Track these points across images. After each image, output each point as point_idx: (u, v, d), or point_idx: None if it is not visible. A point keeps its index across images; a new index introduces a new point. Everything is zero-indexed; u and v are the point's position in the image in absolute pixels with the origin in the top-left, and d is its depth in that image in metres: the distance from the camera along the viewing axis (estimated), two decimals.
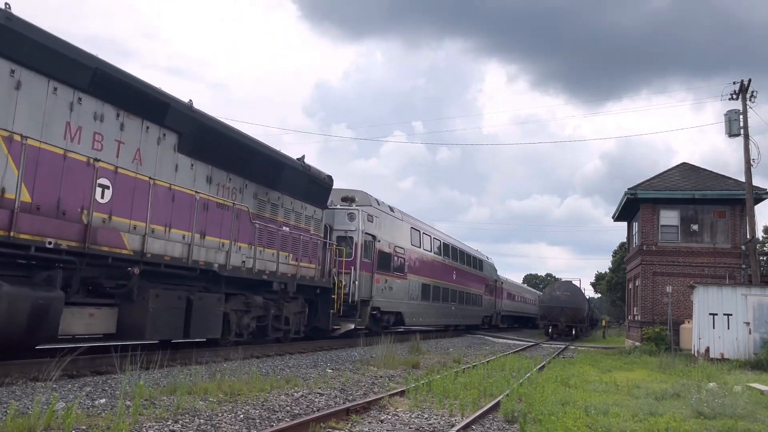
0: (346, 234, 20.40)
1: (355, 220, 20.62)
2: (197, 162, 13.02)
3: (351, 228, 20.51)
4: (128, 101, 11.03)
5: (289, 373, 11.94)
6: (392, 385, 11.40)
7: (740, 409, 9.47)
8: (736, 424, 8.47)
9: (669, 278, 25.59)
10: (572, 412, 8.70)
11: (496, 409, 9.17)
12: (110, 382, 9.17)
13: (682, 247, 26.40)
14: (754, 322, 18.85)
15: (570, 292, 40.19)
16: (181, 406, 7.61)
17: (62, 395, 7.88)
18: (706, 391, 11.29)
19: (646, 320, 25.95)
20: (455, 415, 8.74)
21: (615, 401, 10.33)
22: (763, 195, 25.14)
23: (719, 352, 18.86)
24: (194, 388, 8.78)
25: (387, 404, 9.19)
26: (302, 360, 14.48)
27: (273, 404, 8.56)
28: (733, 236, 25.95)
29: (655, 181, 28.06)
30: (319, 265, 17.90)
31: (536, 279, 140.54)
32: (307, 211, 17.50)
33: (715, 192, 26.14)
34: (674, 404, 10.17)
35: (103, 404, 7.66)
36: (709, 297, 19.48)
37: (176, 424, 6.86)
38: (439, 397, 9.78)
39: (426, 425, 7.92)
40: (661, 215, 26.84)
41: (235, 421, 7.36)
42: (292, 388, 10.05)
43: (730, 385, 12.66)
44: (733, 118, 23.16)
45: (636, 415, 8.99)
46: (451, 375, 12.28)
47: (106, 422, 6.49)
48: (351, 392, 10.42)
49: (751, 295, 19.21)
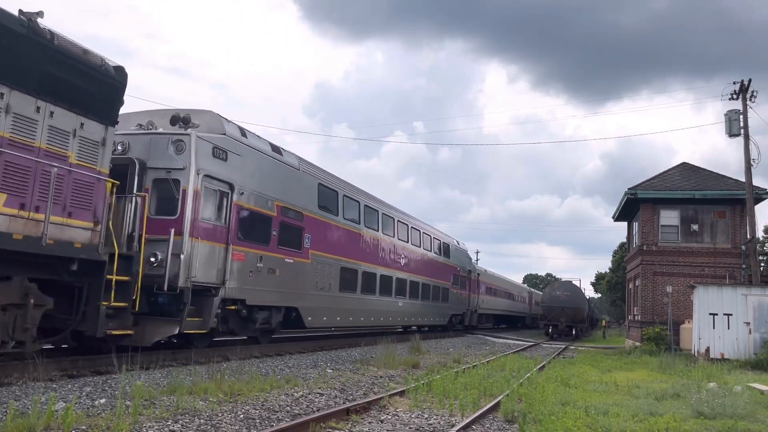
0: (169, 175, 12.15)
1: (185, 153, 12.27)
2: None
3: (177, 165, 12.18)
4: None
5: (289, 373, 11.95)
6: (392, 385, 11.40)
7: (740, 409, 9.47)
8: (736, 424, 8.47)
9: (669, 278, 25.58)
10: (572, 412, 8.70)
11: (496, 409, 9.17)
12: (110, 382, 9.16)
13: (682, 247, 26.39)
14: (754, 322, 18.85)
15: (570, 292, 40.19)
16: (181, 406, 7.61)
17: (62, 395, 7.88)
18: (706, 391, 11.27)
19: (646, 320, 25.94)
20: (455, 415, 8.74)
21: (615, 401, 10.33)
22: (763, 195, 25.13)
23: (719, 352, 18.85)
24: (194, 388, 8.78)
25: (387, 404, 9.19)
26: (302, 360, 14.48)
27: (273, 404, 8.56)
28: (733, 236, 25.94)
29: (655, 181, 28.05)
30: (97, 223, 9.96)
31: (536, 279, 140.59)
32: (60, 121, 9.34)
33: (715, 192, 26.13)
34: (674, 404, 10.17)
35: (103, 404, 7.66)
36: (709, 297, 19.47)
37: (176, 424, 6.86)
38: (439, 397, 9.78)
39: (426, 425, 7.92)
40: (662, 215, 26.83)
41: (235, 421, 7.36)
42: (292, 388, 10.05)
43: (730, 385, 12.66)
44: (733, 118, 23.16)
45: (636, 415, 8.99)
46: (451, 375, 12.27)
47: (106, 422, 6.49)
48: (351, 392, 10.42)
49: (751, 295, 19.20)
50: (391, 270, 23.23)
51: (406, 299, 25.06)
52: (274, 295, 15.14)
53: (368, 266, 21.09)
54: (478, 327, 39.78)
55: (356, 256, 20.16)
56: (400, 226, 24.56)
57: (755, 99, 23.08)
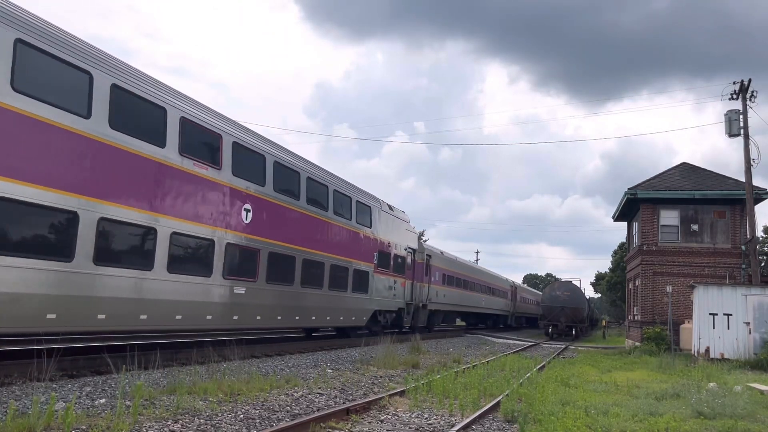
0: None
1: None
2: None
3: None
4: None
5: (289, 373, 11.95)
6: (392, 385, 11.40)
7: (740, 409, 9.47)
8: (736, 425, 8.47)
9: (669, 278, 25.59)
10: (572, 412, 8.70)
11: (496, 409, 9.17)
12: (110, 382, 9.16)
13: (682, 247, 26.40)
14: (754, 322, 18.85)
15: (570, 292, 40.20)
16: (181, 406, 7.61)
17: (62, 395, 7.88)
18: (706, 391, 11.28)
19: (646, 320, 25.95)
20: (455, 415, 8.75)
21: (615, 401, 10.33)
22: (763, 195, 25.14)
23: (719, 352, 18.85)
24: (194, 388, 8.78)
25: (387, 404, 9.19)
26: (302, 360, 14.48)
27: (273, 404, 8.56)
28: (733, 236, 25.95)
29: (655, 181, 28.06)
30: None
31: (536, 279, 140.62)
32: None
33: (715, 192, 26.14)
34: (674, 404, 10.17)
35: (103, 404, 7.66)
36: (709, 297, 19.47)
37: (176, 424, 6.86)
38: (439, 397, 9.78)
39: (426, 425, 7.92)
40: (661, 215, 26.85)
41: (235, 421, 7.36)
42: (292, 388, 10.05)
43: (730, 385, 12.66)
44: (733, 118, 23.17)
45: (636, 415, 8.99)
46: (451, 375, 12.27)
47: (106, 422, 6.49)
48: (351, 392, 10.42)
49: (751, 295, 19.20)
50: (218, 230, 13.07)
51: (256, 284, 14.42)
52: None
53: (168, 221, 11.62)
54: (430, 329, 30.47)
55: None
56: (251, 158, 14.58)
57: (755, 99, 23.11)
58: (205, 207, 12.72)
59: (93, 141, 9.99)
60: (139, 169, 10.98)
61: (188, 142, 12.27)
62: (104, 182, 10.15)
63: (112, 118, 10.39)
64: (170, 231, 11.58)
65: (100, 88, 10.17)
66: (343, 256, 18.98)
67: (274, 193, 15.25)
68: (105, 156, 10.24)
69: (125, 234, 10.65)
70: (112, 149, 10.40)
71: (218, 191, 13.20)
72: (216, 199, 13.11)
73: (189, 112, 12.46)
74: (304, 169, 17.00)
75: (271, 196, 15.17)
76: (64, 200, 9.39)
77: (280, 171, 15.67)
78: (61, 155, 9.43)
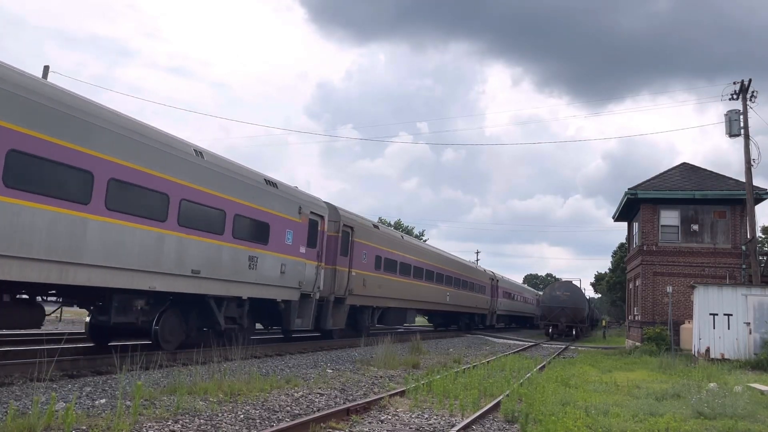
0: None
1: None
2: None
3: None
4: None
5: (289, 373, 11.94)
6: (392, 385, 11.40)
7: (740, 410, 9.47)
8: (737, 425, 8.47)
9: (669, 278, 25.59)
10: (572, 412, 8.70)
11: (496, 410, 9.17)
12: (110, 382, 9.16)
13: (682, 247, 26.40)
14: (755, 322, 18.84)
15: (570, 293, 40.20)
16: (181, 406, 7.61)
17: (62, 395, 7.88)
18: (707, 392, 11.28)
19: (647, 320, 25.95)
20: (455, 415, 8.74)
21: (615, 401, 10.33)
22: (763, 195, 25.14)
23: (719, 352, 18.84)
24: (194, 388, 8.78)
25: (387, 404, 9.19)
26: (302, 360, 14.48)
27: (273, 404, 8.56)
28: (733, 236, 25.95)
29: (656, 181, 28.06)
30: None
31: (537, 279, 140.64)
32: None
33: (715, 192, 26.14)
34: (674, 404, 10.17)
35: (103, 404, 7.66)
36: (709, 297, 19.47)
37: (176, 424, 6.86)
38: (440, 398, 9.78)
39: (426, 425, 7.92)
40: (662, 215, 26.85)
41: (235, 421, 7.36)
42: (292, 388, 10.05)
43: (730, 386, 12.66)
44: (733, 118, 23.18)
45: (636, 415, 8.99)
46: (451, 375, 12.27)
47: (106, 422, 6.48)
48: (351, 392, 10.42)
49: (751, 295, 19.20)
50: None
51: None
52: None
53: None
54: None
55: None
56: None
57: (755, 99, 23.12)
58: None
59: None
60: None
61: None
62: None
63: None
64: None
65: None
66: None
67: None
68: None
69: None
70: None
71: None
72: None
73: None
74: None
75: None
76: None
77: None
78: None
